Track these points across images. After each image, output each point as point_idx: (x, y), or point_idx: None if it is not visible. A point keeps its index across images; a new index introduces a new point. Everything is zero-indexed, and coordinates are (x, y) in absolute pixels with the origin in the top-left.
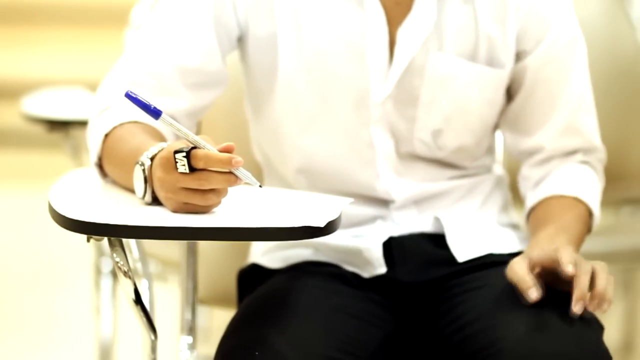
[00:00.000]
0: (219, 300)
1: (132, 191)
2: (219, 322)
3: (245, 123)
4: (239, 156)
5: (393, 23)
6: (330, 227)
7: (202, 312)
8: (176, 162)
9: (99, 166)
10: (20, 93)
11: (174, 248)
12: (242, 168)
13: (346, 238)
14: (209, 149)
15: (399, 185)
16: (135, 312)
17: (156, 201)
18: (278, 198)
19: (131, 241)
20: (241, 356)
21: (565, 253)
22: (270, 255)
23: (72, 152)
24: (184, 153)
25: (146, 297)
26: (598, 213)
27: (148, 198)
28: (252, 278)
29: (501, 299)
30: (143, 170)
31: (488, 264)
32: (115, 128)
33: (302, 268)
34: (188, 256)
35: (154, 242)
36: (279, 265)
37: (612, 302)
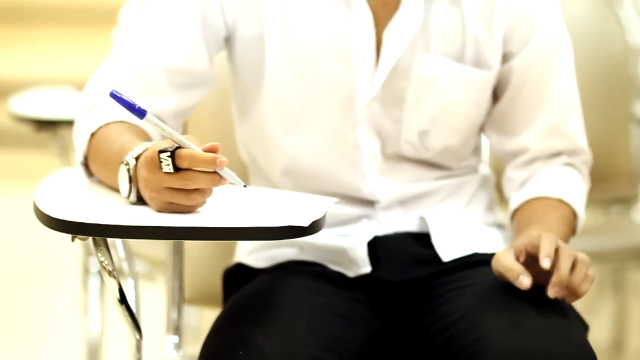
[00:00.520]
0: (205, 299)
1: (118, 191)
2: (209, 322)
3: (231, 123)
4: (224, 156)
5: (380, 24)
6: (314, 227)
7: (192, 312)
8: (161, 162)
9: (85, 165)
10: (8, 93)
11: (162, 247)
12: (227, 168)
13: (331, 237)
14: (194, 149)
15: (385, 186)
16: (120, 312)
17: (141, 201)
18: (263, 198)
19: (117, 240)
20: (226, 356)
21: (546, 242)
22: (255, 254)
23: (60, 152)
24: (169, 153)
25: (132, 297)
26: (582, 215)
27: (133, 198)
28: (238, 277)
29: (486, 298)
30: (128, 169)
31: (473, 263)
32: (101, 128)
33: (287, 267)
34: (174, 256)
35: (142, 242)
36: (264, 264)
37: (602, 302)
